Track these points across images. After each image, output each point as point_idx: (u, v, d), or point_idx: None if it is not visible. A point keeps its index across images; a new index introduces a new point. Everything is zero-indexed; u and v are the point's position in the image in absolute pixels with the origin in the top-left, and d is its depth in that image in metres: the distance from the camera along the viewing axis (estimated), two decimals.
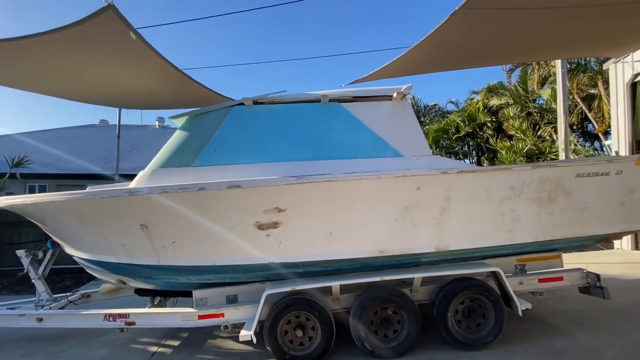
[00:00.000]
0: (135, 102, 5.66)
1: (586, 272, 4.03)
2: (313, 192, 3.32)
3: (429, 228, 3.52)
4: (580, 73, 12.96)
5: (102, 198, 3.38)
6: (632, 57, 7.42)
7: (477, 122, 17.14)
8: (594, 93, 13.06)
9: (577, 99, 13.36)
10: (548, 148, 11.97)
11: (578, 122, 14.78)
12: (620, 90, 7.85)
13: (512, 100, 15.65)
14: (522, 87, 15.95)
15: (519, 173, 3.53)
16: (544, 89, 15.04)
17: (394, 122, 3.72)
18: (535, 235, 3.68)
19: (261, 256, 3.56)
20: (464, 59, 6.96)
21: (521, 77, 15.99)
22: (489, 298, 3.62)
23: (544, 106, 14.84)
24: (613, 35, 6.33)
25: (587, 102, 13.36)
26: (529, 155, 11.98)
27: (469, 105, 18.82)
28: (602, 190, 3.69)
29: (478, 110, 17.10)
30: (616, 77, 8.00)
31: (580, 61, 13.28)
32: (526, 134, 12.54)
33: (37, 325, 4.35)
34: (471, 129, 17.39)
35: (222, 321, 3.76)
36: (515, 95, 15.85)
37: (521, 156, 11.79)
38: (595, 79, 12.60)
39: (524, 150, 11.92)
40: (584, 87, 13.06)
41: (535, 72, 15.12)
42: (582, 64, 13.05)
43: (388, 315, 3.67)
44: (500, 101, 16.26)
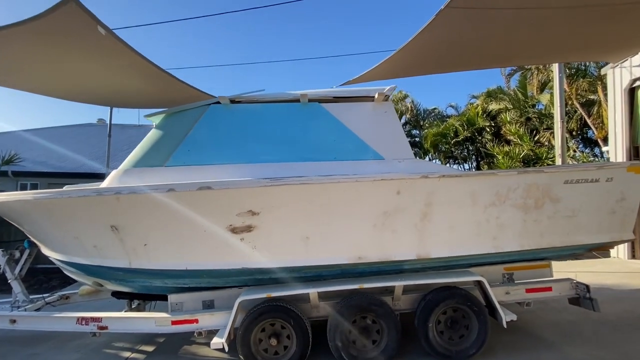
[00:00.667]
0: (118, 101, 5.55)
1: (575, 283, 3.88)
2: (288, 195, 3.20)
3: (410, 234, 3.39)
4: (580, 78, 12.81)
5: (69, 198, 3.27)
6: (631, 62, 7.28)
7: (476, 126, 17.01)
8: (593, 99, 12.90)
9: (576, 105, 13.20)
10: (545, 154, 11.81)
11: (578, 128, 14.61)
12: (618, 96, 7.70)
13: (511, 105, 15.51)
14: (522, 91, 15.81)
15: (504, 178, 3.40)
16: (544, 94, 14.87)
17: (375, 123, 3.60)
18: (521, 243, 3.54)
19: (235, 261, 3.43)
20: (458, 60, 6.83)
21: (520, 81, 15.86)
22: (472, 308, 3.48)
23: (543, 111, 14.69)
24: (611, 39, 6.20)
25: (586, 108, 13.20)
26: (525, 160, 11.82)
27: (468, 109, 18.68)
28: (591, 197, 3.54)
29: (477, 115, 16.95)
30: (614, 82, 7.85)
31: (580, 66, 13.14)
32: (523, 139, 12.38)
33: (11, 327, 4.24)
34: (470, 133, 17.24)
35: (196, 327, 3.63)
36: (514, 100, 15.71)
37: (518, 161, 11.63)
38: (595, 85, 12.45)
39: (520, 156, 11.75)
40: (584, 92, 12.90)
41: (535, 77, 14.97)
42: (582, 69, 12.91)
43: (367, 325, 3.52)
44: (499, 106, 16.12)
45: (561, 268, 5.33)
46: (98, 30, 2.85)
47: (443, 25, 4.65)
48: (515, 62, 10.72)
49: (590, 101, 12.98)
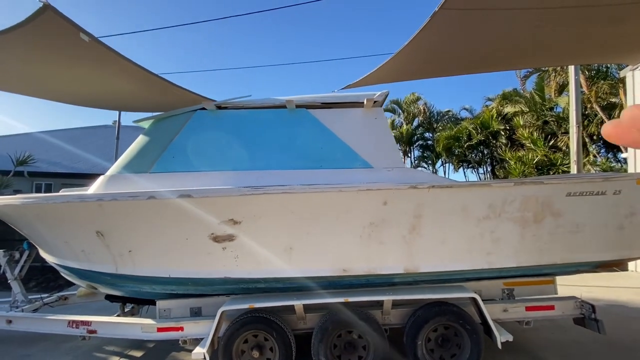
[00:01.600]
0: (119, 105, 5.62)
1: (580, 302, 3.61)
2: (269, 204, 3.11)
3: (398, 247, 3.23)
4: (601, 80, 12.23)
5: (54, 203, 3.29)
6: None
7: (491, 130, 16.50)
8: (615, 102, 12.28)
9: (596, 108, 12.60)
10: (560, 159, 11.29)
11: (598, 132, 13.95)
12: (638, 99, 7.26)
13: (527, 108, 14.96)
14: (539, 94, 15.24)
15: (499, 190, 3.19)
16: (562, 97, 14.28)
17: (364, 131, 3.47)
18: (518, 259, 3.32)
19: (218, 269, 3.37)
20: (466, 63, 6.59)
21: (537, 83, 15.29)
22: (465, 326, 3.28)
23: (562, 114, 14.10)
24: (627, 41, 5.84)
25: (607, 111, 12.58)
26: (539, 166, 11.34)
27: (482, 112, 18.18)
28: (597, 211, 3.29)
29: (491, 118, 16.46)
30: (633, 85, 7.41)
31: (601, 68, 12.55)
32: (537, 144, 11.87)
33: (7, 327, 4.32)
34: (484, 136, 16.76)
35: (180, 335, 3.58)
36: (530, 103, 15.15)
37: (531, 167, 11.18)
38: (616, 87, 11.85)
39: (534, 161, 11.28)
40: (605, 95, 12.29)
41: (553, 79, 14.39)
42: (603, 71, 12.32)
43: (353, 340, 3.39)
44: (514, 109, 15.59)
45: (574, 282, 5.02)
46: (80, 37, 2.84)
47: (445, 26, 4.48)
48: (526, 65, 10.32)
49: (612, 104, 12.36)
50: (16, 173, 9.89)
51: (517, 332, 3.87)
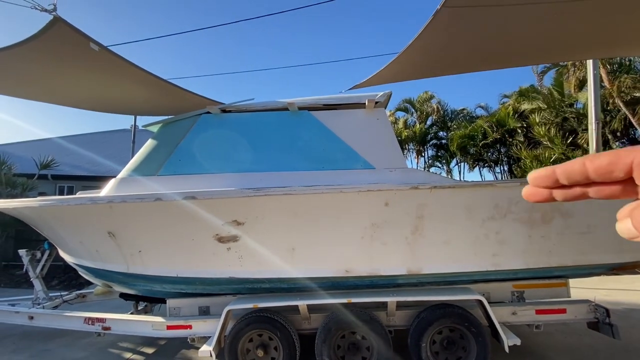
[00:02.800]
0: (134, 110, 5.81)
1: (594, 305, 3.49)
2: (272, 205, 3.15)
3: (400, 248, 3.21)
4: (624, 74, 11.70)
5: (68, 205, 3.44)
6: None
7: (507, 127, 16.06)
8: (638, 96, 11.71)
9: (619, 103, 12.06)
10: None
11: (622, 128, 13.35)
12: None
13: (545, 105, 14.47)
14: (558, 90, 14.71)
15: (505, 190, 3.12)
16: (582, 92, 13.73)
17: (366, 131, 3.46)
18: (525, 261, 3.24)
19: (223, 270, 3.44)
20: (477, 59, 6.47)
21: (556, 79, 14.75)
22: (470, 329, 3.23)
23: (582, 111, 13.56)
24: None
25: (631, 107, 12.01)
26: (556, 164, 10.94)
27: (499, 110, 17.70)
28: (611, 211, 3.15)
29: (508, 116, 16.01)
30: None
31: (624, 61, 12.01)
32: (554, 142, 11.46)
33: (29, 323, 4.55)
34: (500, 135, 16.32)
35: (189, 333, 3.68)
36: (549, 100, 14.64)
37: (547, 166, 10.78)
38: None
39: (550, 160, 10.89)
40: (628, 89, 11.75)
41: (572, 74, 13.87)
42: (626, 64, 11.79)
43: (357, 340, 3.39)
44: (531, 105, 15.10)
45: (593, 285, 4.85)
46: (91, 47, 2.97)
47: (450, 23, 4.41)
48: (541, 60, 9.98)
49: (636, 99, 11.79)
50: (40, 176, 10.37)
51: (529, 336, 3.78)
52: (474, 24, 4.39)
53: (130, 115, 9.17)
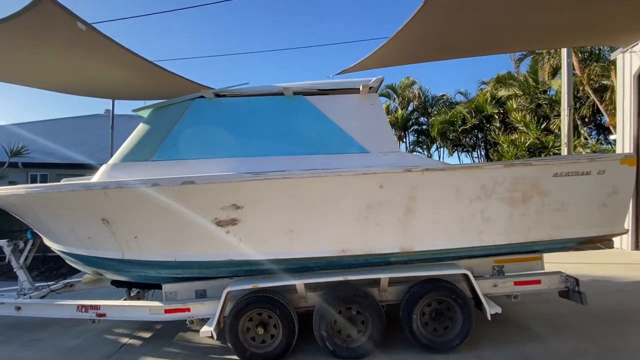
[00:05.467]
0: (113, 93, 5.63)
1: (565, 276, 3.84)
2: (270, 189, 3.23)
3: (393, 228, 3.39)
4: (593, 63, 12.33)
5: (60, 192, 3.37)
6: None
7: (485, 113, 16.62)
8: (606, 84, 12.42)
9: (588, 90, 12.75)
10: (552, 142, 11.50)
11: (590, 114, 14.15)
12: (627, 82, 7.39)
13: (521, 92, 15.06)
14: (532, 77, 15.32)
15: (491, 172, 3.34)
16: (555, 80, 14.37)
17: (360, 116, 3.56)
18: (508, 237, 3.51)
19: (222, 253, 3.51)
20: (459, 47, 6.66)
21: (531, 66, 15.35)
22: (457, 301, 3.49)
23: (554, 97, 14.24)
24: (619, 22, 5.93)
25: (599, 94, 12.74)
26: (531, 149, 11.56)
27: (477, 96, 18.24)
28: (582, 190, 3.47)
29: (486, 102, 16.55)
30: (623, 67, 7.53)
31: (594, 50, 12.62)
32: (530, 127, 12.05)
33: (16, 314, 4.46)
34: (478, 120, 16.88)
35: (187, 316, 3.75)
36: (524, 86, 15.24)
37: (523, 150, 11.39)
38: (608, 69, 11.96)
39: (526, 144, 11.47)
40: (597, 77, 12.42)
41: (547, 62, 14.45)
42: (595, 53, 12.40)
43: (352, 315, 3.58)
44: (508, 92, 15.68)
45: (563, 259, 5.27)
46: (78, 25, 2.87)
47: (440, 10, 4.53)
48: (519, 48, 10.38)
49: (603, 87, 12.51)
50: (10, 164, 9.84)
51: (507, 306, 4.11)
52: (456, 14, 4.54)
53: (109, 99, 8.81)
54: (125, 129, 13.80)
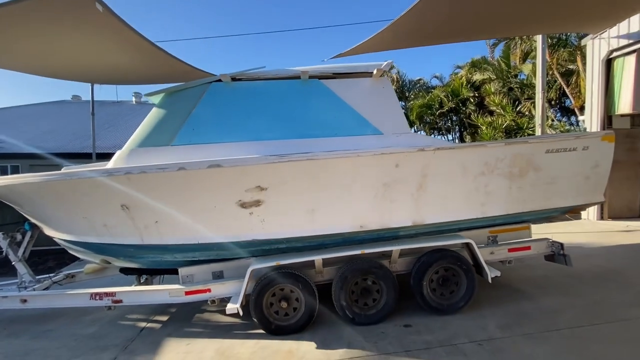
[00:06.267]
0: (109, 77, 5.43)
1: (551, 242, 4.32)
2: (294, 171, 3.37)
3: (407, 203, 3.66)
4: (561, 48, 13.12)
5: (79, 179, 3.32)
6: (609, 33, 7.56)
7: (461, 97, 17.27)
8: (572, 68, 13.30)
9: (556, 75, 13.59)
10: (526, 124, 12.29)
11: (557, 97, 15.13)
12: (596, 66, 8.04)
13: (495, 76, 15.77)
14: (505, 62, 16.05)
15: (493, 149, 3.67)
16: (526, 64, 15.18)
17: (374, 99, 3.74)
18: (506, 208, 3.89)
19: (245, 234, 3.63)
20: (444, 33, 6.96)
21: (504, 51, 16.06)
22: (462, 267, 3.86)
23: (525, 81, 15.06)
24: (591, 11, 6.43)
25: (565, 78, 13.63)
26: (507, 130, 12.30)
27: (453, 80, 18.85)
28: (569, 165, 3.89)
29: (461, 86, 17.17)
30: (592, 53, 8.16)
31: (561, 36, 13.39)
32: (506, 110, 12.78)
33: (22, 307, 4.38)
34: (454, 104, 17.53)
35: (209, 296, 3.88)
36: (497, 71, 15.96)
37: (500, 132, 12.11)
38: (574, 54, 12.80)
39: (503, 126, 12.19)
40: (564, 62, 13.26)
41: (519, 47, 15.18)
42: (563, 39, 13.18)
43: (368, 286, 3.86)
44: (483, 76, 16.36)
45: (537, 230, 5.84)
46: (96, 6, 2.80)
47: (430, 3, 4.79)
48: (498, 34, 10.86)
49: (570, 71, 13.39)
50: None
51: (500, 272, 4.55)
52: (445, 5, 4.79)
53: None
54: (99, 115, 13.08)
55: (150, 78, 5.71)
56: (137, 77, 5.64)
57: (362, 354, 3.22)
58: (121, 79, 6.16)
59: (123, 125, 14.05)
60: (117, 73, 5.35)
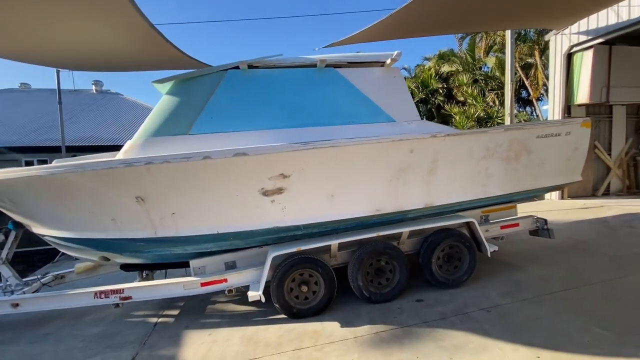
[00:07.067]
0: (84, 62, 5.04)
1: (536, 218, 4.82)
2: (316, 158, 3.44)
3: (419, 187, 3.89)
4: (521, 43, 14.15)
5: (93, 171, 3.14)
6: (570, 29, 8.33)
7: (430, 88, 18.04)
8: (531, 62, 14.43)
9: (517, 68, 14.66)
10: (495, 113, 13.22)
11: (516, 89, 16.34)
12: (558, 60, 8.85)
13: (462, 68, 16.66)
14: (470, 54, 16.98)
15: (494, 135, 4.01)
16: (489, 57, 16.19)
17: (386, 87, 3.89)
18: (503, 188, 4.28)
19: (265, 221, 3.66)
20: (424, 27, 7.31)
21: (470, 45, 16.96)
22: (465, 244, 4.20)
23: (489, 74, 16.09)
24: (556, 9, 7.06)
25: (525, 71, 14.77)
26: (478, 119, 13.16)
27: (421, 71, 19.57)
28: (555, 148, 4.35)
29: (430, 77, 17.92)
30: (555, 47, 8.95)
31: (521, 32, 14.44)
32: (477, 100, 13.62)
33: (12, 311, 4.08)
34: (424, 95, 18.28)
35: (225, 286, 3.87)
36: (464, 63, 16.86)
37: (472, 121, 12.92)
38: (533, 49, 13.89)
39: (475, 115, 13.02)
40: (524, 56, 14.34)
41: (483, 41, 16.12)
42: (523, 35, 14.22)
43: (381, 266, 4.08)
44: (451, 68, 17.20)
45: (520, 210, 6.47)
46: None
47: None
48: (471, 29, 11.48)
49: (529, 64, 14.51)
50: None
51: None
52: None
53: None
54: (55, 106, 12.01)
55: (139, 64, 5.41)
56: (122, 61, 5.30)
57: (385, 328, 3.44)
58: (100, 64, 5.72)
59: (86, 117, 13.04)
60: (96, 56, 4.98)
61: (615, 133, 9.37)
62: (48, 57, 5.03)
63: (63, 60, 5.36)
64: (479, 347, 2.98)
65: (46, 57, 5.07)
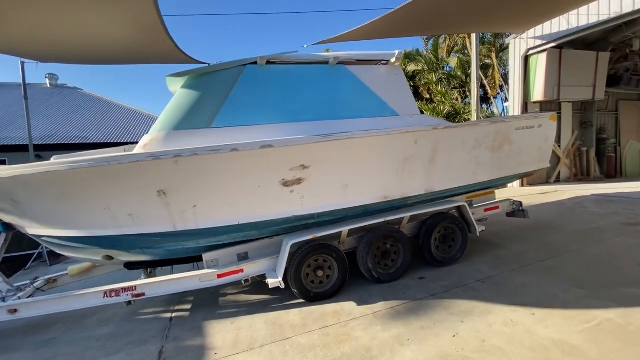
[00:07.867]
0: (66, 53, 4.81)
1: (512, 201, 5.47)
2: (335, 149, 3.68)
3: (421, 175, 4.29)
4: (480, 45, 15.35)
5: (119, 164, 3.11)
6: (527, 34, 9.31)
7: None
8: (488, 63, 15.73)
9: None
10: (462, 109, 14.28)
11: None
12: (517, 62, 9.85)
13: (427, 67, 17.67)
14: (434, 55, 18.06)
15: (482, 127, 4.52)
16: (452, 58, 17.36)
17: (390, 84, 4.23)
18: (489, 175, 4.82)
19: (284, 211, 3.83)
20: (401, 29, 7.83)
21: (433, 46, 18.02)
22: (458, 226, 4.69)
23: (452, 73, 17.25)
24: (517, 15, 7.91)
25: (483, 70, 16.06)
26: (447, 116, 14.13)
27: None
28: (529, 139, 4.99)
29: None
30: (514, 50, 9.94)
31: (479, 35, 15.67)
32: (445, 98, 14.61)
33: (10, 318, 3.87)
34: None
35: (242, 276, 3.99)
36: (428, 63, 17.90)
37: (442, 117, 13.82)
38: (491, 50, 15.16)
39: (444, 112, 13.96)
40: (483, 57, 15.58)
41: (446, 42, 17.23)
42: (482, 37, 15.44)
43: (387, 249, 4.44)
44: (417, 67, 18.16)
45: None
46: None
47: None
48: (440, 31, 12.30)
49: (487, 65, 15.80)
50: None
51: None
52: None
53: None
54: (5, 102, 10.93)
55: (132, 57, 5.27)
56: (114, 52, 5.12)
57: (399, 303, 3.79)
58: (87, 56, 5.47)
59: (43, 113, 12.00)
60: (83, 46, 4.78)
61: (564, 127, 10.64)
62: (8, 44, 4.70)
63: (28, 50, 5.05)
64: (484, 311, 3.43)
65: (6, 45, 4.73)
